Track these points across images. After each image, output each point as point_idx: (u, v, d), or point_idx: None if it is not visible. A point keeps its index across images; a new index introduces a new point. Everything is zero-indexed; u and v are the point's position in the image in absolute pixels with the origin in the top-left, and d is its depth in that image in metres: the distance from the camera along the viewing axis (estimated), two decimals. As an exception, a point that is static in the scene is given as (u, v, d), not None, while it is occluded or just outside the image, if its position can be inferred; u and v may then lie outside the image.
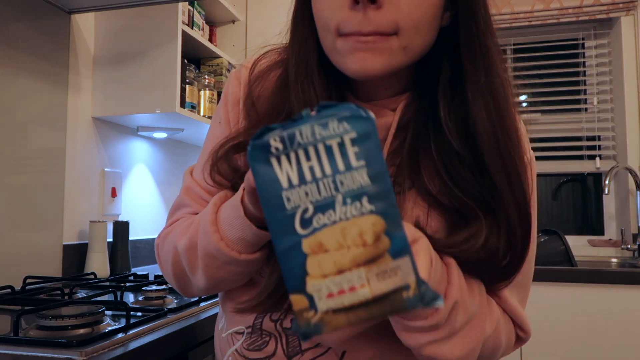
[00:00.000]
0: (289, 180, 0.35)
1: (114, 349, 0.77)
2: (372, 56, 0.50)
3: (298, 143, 0.35)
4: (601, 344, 1.76)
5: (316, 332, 0.35)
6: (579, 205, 2.60)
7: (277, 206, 0.35)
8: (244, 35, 2.14)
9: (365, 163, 0.35)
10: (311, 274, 0.35)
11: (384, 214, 0.35)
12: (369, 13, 0.49)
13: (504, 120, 0.53)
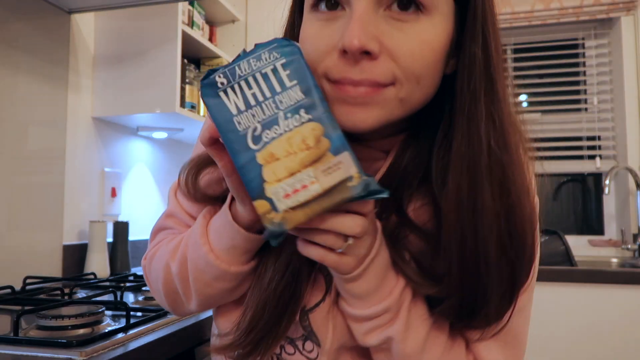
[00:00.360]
0: (237, 107, 0.42)
1: (114, 349, 0.77)
2: (362, 110, 0.46)
3: (239, 76, 0.42)
4: (601, 344, 1.76)
5: (280, 230, 0.41)
6: (579, 205, 2.60)
7: (231, 130, 0.42)
8: (244, 35, 2.14)
9: (297, 82, 0.42)
10: (268, 181, 0.41)
11: (320, 119, 0.41)
12: (364, 64, 0.44)
13: (481, 205, 0.46)
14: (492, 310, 0.49)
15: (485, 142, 0.46)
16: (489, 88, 0.47)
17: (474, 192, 0.46)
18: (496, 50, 0.49)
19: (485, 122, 0.47)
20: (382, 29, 0.44)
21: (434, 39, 0.46)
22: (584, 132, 2.52)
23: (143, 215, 1.90)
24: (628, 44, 2.42)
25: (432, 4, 0.45)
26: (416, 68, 0.45)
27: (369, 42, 0.43)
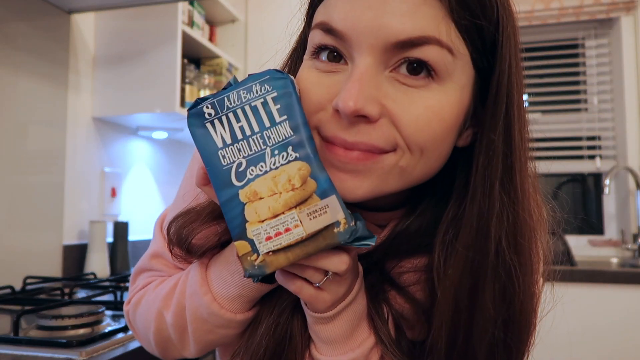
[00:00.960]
0: (223, 140, 0.40)
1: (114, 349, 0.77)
2: (352, 178, 0.40)
3: (227, 107, 0.40)
4: (601, 344, 1.76)
5: (260, 273, 0.39)
6: (579, 205, 2.60)
7: (215, 163, 0.40)
8: (244, 35, 2.14)
9: (286, 117, 0.39)
10: (250, 221, 0.39)
11: (307, 159, 0.39)
12: (361, 126, 0.39)
13: (480, 307, 0.42)
14: None
15: (494, 239, 0.41)
16: (507, 180, 0.42)
17: (474, 292, 0.42)
18: (520, 137, 0.42)
19: (497, 218, 0.41)
20: (386, 91, 0.39)
21: (444, 108, 0.40)
22: (584, 132, 2.52)
23: (143, 215, 1.90)
24: (628, 44, 2.42)
25: (446, 72, 0.39)
26: (420, 138, 0.39)
27: (366, 106, 0.38)
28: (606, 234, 2.51)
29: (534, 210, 0.44)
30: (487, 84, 0.42)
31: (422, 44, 0.38)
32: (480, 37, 0.40)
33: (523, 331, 0.44)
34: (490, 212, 0.41)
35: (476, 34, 0.40)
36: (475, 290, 0.42)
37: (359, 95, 0.38)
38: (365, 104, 0.38)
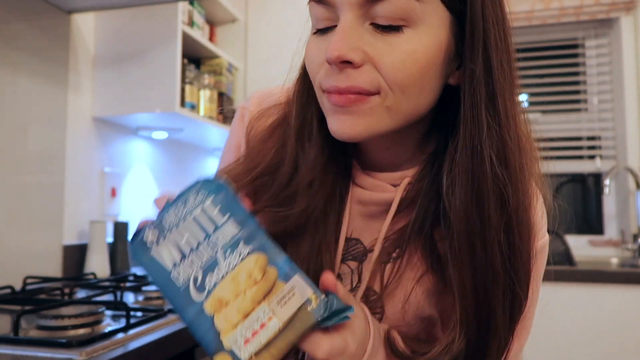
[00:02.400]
0: (172, 261, 0.39)
1: (114, 349, 0.77)
2: (349, 118, 0.46)
3: (167, 228, 0.40)
4: (601, 344, 1.76)
5: None
6: (579, 205, 2.60)
7: (171, 287, 0.39)
8: (244, 35, 2.14)
9: (229, 215, 0.40)
10: (223, 330, 0.37)
11: (261, 248, 0.39)
12: (348, 72, 0.45)
13: (485, 209, 0.47)
14: (500, 335, 0.48)
15: (487, 158, 0.46)
16: (491, 105, 0.46)
17: (480, 207, 0.47)
18: (500, 65, 0.46)
19: (487, 138, 0.46)
20: (367, 40, 0.45)
21: (417, 50, 0.45)
22: (584, 132, 2.52)
23: (143, 215, 1.90)
24: (628, 44, 2.42)
25: (416, 17, 0.44)
26: (399, 78, 0.45)
27: (349, 53, 0.44)
28: (606, 234, 2.51)
29: (521, 131, 0.49)
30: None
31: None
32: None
33: (524, 232, 0.48)
34: (480, 134, 0.46)
35: None
36: (481, 205, 0.47)
37: (341, 44, 0.44)
38: (347, 51, 0.44)
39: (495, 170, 0.47)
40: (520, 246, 0.48)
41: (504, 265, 0.47)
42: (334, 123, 0.47)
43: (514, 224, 0.47)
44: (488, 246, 0.47)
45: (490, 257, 0.47)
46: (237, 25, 2.15)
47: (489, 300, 0.47)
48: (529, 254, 0.49)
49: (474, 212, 0.47)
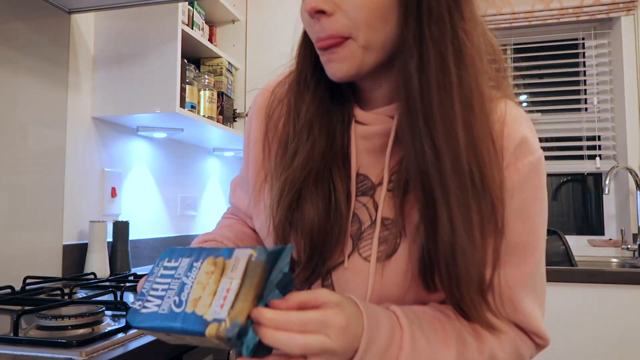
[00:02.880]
0: (157, 306, 0.50)
1: (114, 349, 0.77)
2: (335, 63, 0.55)
3: (146, 293, 0.52)
4: (601, 344, 1.76)
5: (237, 327, 0.44)
6: (579, 205, 2.60)
7: (163, 321, 0.48)
8: (244, 35, 2.14)
9: (180, 257, 0.52)
10: (203, 313, 0.46)
11: (207, 254, 0.50)
12: (323, 22, 0.54)
13: (436, 134, 0.52)
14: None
15: (444, 59, 0.53)
16: (439, 21, 0.53)
17: (441, 97, 0.53)
18: None
19: (442, 45, 0.53)
20: None
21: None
22: (584, 132, 2.52)
23: (143, 215, 1.90)
24: (628, 44, 2.42)
25: None
26: (363, 16, 0.53)
27: (319, 3, 0.53)
28: (606, 234, 2.51)
29: (472, 37, 0.55)
30: None
31: None
32: None
33: (476, 106, 0.54)
34: (434, 40, 0.53)
35: None
36: (441, 96, 0.52)
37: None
38: (318, 3, 0.53)
39: (449, 66, 0.53)
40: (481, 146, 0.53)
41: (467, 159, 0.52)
42: (327, 69, 0.57)
43: (468, 104, 0.53)
44: (452, 136, 0.52)
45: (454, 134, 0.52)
46: (237, 25, 2.15)
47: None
48: (489, 154, 0.54)
49: (440, 102, 0.52)
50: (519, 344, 0.60)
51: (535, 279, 0.60)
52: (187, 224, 2.21)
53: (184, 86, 1.65)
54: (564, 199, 2.62)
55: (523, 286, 0.59)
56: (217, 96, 1.91)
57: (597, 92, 2.55)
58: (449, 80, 0.52)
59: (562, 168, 2.53)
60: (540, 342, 0.62)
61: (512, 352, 0.59)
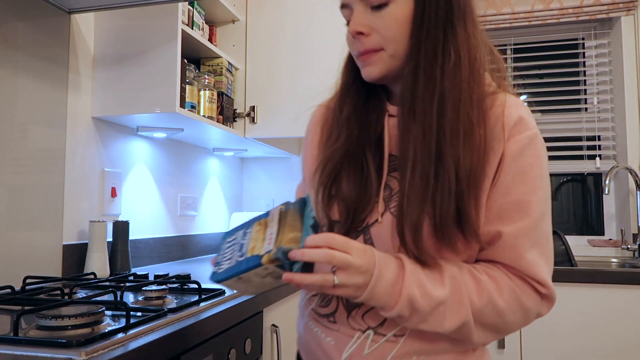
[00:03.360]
0: (228, 263, 0.70)
1: (114, 349, 0.77)
2: (369, 67, 0.76)
3: (220, 255, 0.73)
4: (601, 344, 1.76)
5: (283, 253, 0.63)
6: (579, 205, 2.60)
7: (233, 271, 0.68)
8: (244, 35, 2.14)
9: (235, 229, 0.75)
10: (257, 252, 0.67)
11: (253, 220, 0.73)
12: (362, 40, 0.75)
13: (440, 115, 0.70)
14: None
15: (440, 59, 0.72)
16: (449, 29, 0.73)
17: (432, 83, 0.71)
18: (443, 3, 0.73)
19: (443, 51, 0.72)
20: (368, 18, 0.74)
21: (398, 16, 0.73)
22: (584, 132, 2.53)
23: (143, 215, 1.90)
24: (628, 44, 2.42)
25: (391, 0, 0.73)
26: (391, 35, 0.73)
27: (359, 27, 0.74)
28: (606, 234, 2.51)
29: (461, 51, 0.72)
30: None
31: None
32: None
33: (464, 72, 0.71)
34: (426, 54, 0.72)
35: None
36: (425, 94, 0.71)
37: (355, 24, 0.74)
38: (358, 27, 0.74)
39: (444, 56, 0.72)
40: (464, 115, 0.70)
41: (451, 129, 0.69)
42: (363, 73, 0.77)
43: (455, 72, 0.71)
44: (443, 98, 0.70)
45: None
46: (237, 25, 2.15)
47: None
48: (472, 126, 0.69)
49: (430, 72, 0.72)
50: (519, 293, 0.69)
51: (539, 235, 0.70)
52: (187, 224, 2.21)
53: (184, 86, 1.65)
54: (564, 199, 2.62)
55: (526, 238, 0.69)
56: (217, 96, 1.91)
57: (597, 92, 2.55)
58: (432, 83, 0.70)
59: (562, 168, 2.53)
60: (544, 290, 0.69)
61: (511, 299, 0.69)
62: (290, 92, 2.04)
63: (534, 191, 0.70)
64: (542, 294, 0.70)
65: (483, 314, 0.67)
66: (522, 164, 0.70)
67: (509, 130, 0.71)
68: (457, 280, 0.67)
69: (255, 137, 2.08)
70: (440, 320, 0.66)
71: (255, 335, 1.28)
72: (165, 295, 1.11)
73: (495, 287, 0.68)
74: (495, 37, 2.67)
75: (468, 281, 0.68)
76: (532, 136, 0.71)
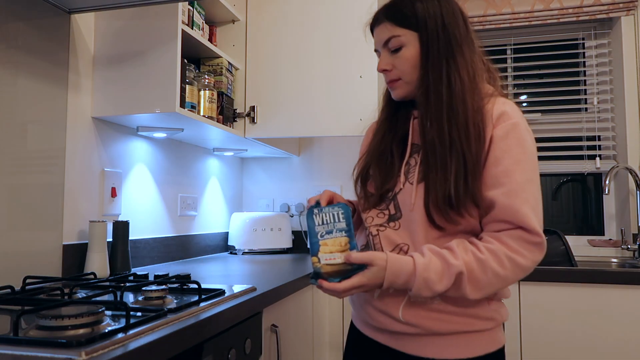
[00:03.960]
0: (316, 223, 0.99)
1: (114, 349, 0.77)
2: (394, 91, 1.08)
3: (322, 211, 0.99)
4: (601, 344, 1.76)
5: (319, 271, 0.94)
6: (579, 205, 2.60)
7: (312, 231, 0.98)
8: (244, 35, 2.14)
9: (344, 221, 0.98)
10: (320, 252, 0.96)
11: (349, 236, 0.97)
12: (387, 74, 1.07)
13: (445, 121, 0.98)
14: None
15: (445, 80, 1.00)
16: (450, 58, 1.01)
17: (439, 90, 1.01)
18: (446, 40, 1.02)
19: (447, 74, 1.00)
20: (390, 58, 1.05)
21: (408, 56, 1.03)
22: (584, 132, 2.53)
23: (143, 215, 1.90)
24: (628, 44, 2.42)
25: (404, 43, 1.03)
26: (405, 69, 1.04)
27: (383, 66, 1.06)
28: (606, 234, 2.51)
29: (461, 74, 0.99)
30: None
31: (390, 39, 1.04)
32: (407, 25, 1.02)
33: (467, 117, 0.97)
34: (434, 80, 1.01)
35: (406, 24, 1.02)
36: (435, 107, 1.01)
37: (381, 64, 1.06)
38: (383, 66, 1.05)
39: (449, 75, 1.00)
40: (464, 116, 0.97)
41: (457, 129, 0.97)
42: (392, 94, 1.09)
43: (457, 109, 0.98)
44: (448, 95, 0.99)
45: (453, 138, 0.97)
46: (237, 25, 2.15)
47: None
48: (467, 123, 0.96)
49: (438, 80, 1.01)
50: (516, 257, 0.90)
51: (529, 196, 0.92)
52: (187, 224, 2.21)
53: (184, 86, 1.65)
54: (564, 199, 2.62)
55: (516, 197, 0.91)
56: (217, 96, 1.91)
57: (597, 92, 2.55)
58: (440, 99, 0.99)
59: (562, 168, 2.53)
60: (537, 239, 0.90)
61: (510, 265, 0.90)
62: (290, 92, 2.04)
63: (518, 162, 0.93)
64: (535, 242, 0.90)
65: (488, 285, 0.91)
66: (507, 143, 0.94)
67: (494, 120, 0.96)
68: (461, 273, 0.90)
69: (255, 137, 2.08)
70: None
71: (255, 335, 1.28)
72: (165, 295, 1.11)
73: (495, 260, 0.90)
74: (495, 37, 2.67)
75: (471, 265, 0.90)
76: (514, 123, 0.96)
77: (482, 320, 0.97)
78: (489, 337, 0.98)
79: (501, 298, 1.01)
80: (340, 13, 2.01)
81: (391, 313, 0.99)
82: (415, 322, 0.97)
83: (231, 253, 2.47)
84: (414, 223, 0.98)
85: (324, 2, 2.03)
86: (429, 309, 0.96)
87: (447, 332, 0.96)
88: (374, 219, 1.05)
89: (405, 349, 0.99)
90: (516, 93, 2.68)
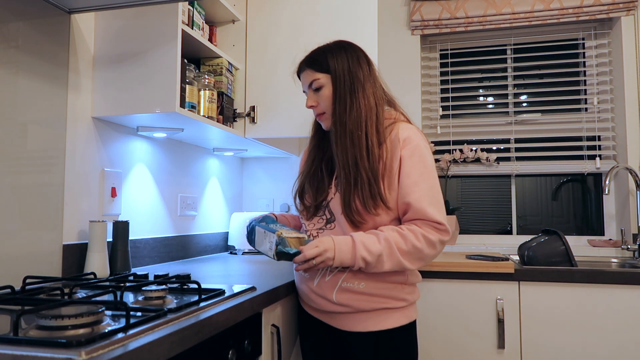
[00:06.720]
0: (265, 225, 1.35)
1: (114, 349, 0.77)
2: (322, 122, 1.38)
3: (261, 221, 1.40)
4: (601, 344, 1.76)
5: (283, 239, 1.24)
6: (579, 205, 2.60)
7: (267, 227, 1.32)
8: (244, 35, 2.14)
9: (279, 224, 1.40)
10: (281, 229, 1.28)
11: (292, 229, 1.35)
12: (315, 109, 1.36)
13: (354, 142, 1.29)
14: None
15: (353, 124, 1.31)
16: (351, 94, 1.32)
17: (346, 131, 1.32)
18: (350, 82, 1.33)
19: (350, 105, 1.31)
20: (315, 97, 1.36)
21: (327, 94, 1.34)
22: (583, 132, 2.53)
23: (143, 215, 1.90)
24: (628, 44, 2.42)
25: (323, 83, 1.34)
26: (325, 105, 1.34)
27: (311, 103, 1.36)
28: (606, 234, 2.51)
29: (361, 104, 1.30)
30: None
31: (312, 82, 1.36)
32: (323, 70, 1.34)
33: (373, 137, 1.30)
34: (345, 106, 1.32)
35: (322, 69, 1.35)
36: (339, 132, 1.33)
37: (308, 102, 1.38)
38: (310, 103, 1.37)
39: (353, 121, 1.30)
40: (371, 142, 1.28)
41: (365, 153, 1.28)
42: (322, 126, 1.39)
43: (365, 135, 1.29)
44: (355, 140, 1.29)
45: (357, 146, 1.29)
46: (237, 25, 2.15)
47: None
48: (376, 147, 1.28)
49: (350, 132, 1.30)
50: (427, 235, 1.22)
51: (432, 198, 1.24)
52: (187, 224, 2.21)
53: (184, 86, 1.65)
54: (564, 199, 2.62)
55: (424, 201, 1.24)
56: (217, 96, 1.91)
57: (597, 92, 2.55)
58: (344, 126, 1.29)
59: (562, 168, 2.53)
60: (442, 227, 1.23)
61: (423, 240, 1.22)
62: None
63: (422, 174, 1.25)
64: (439, 228, 1.23)
65: (409, 253, 1.23)
66: (413, 160, 1.26)
67: (401, 144, 1.26)
68: (388, 240, 1.22)
69: (255, 137, 2.08)
70: (381, 265, 1.23)
71: (255, 335, 1.28)
72: (165, 295, 1.11)
73: (413, 235, 1.23)
74: (495, 37, 2.67)
75: (396, 237, 1.22)
76: (416, 145, 1.27)
77: (398, 300, 1.30)
78: (403, 313, 1.30)
79: (414, 282, 1.33)
80: (340, 13, 2.01)
81: (327, 296, 1.31)
82: (345, 302, 1.29)
83: (231, 253, 2.47)
84: (342, 223, 1.30)
85: (324, 2, 2.03)
86: (356, 292, 1.28)
87: (370, 309, 1.28)
88: (315, 224, 1.37)
89: (338, 325, 1.33)
90: (516, 93, 2.68)
